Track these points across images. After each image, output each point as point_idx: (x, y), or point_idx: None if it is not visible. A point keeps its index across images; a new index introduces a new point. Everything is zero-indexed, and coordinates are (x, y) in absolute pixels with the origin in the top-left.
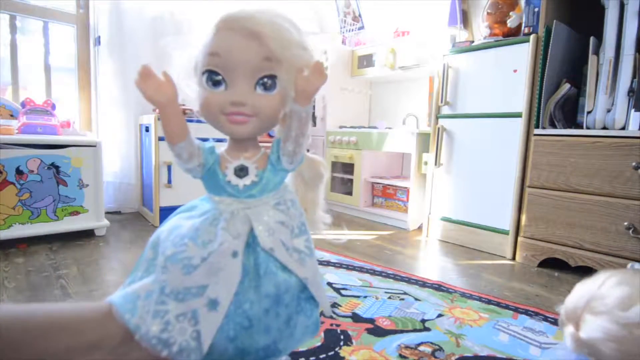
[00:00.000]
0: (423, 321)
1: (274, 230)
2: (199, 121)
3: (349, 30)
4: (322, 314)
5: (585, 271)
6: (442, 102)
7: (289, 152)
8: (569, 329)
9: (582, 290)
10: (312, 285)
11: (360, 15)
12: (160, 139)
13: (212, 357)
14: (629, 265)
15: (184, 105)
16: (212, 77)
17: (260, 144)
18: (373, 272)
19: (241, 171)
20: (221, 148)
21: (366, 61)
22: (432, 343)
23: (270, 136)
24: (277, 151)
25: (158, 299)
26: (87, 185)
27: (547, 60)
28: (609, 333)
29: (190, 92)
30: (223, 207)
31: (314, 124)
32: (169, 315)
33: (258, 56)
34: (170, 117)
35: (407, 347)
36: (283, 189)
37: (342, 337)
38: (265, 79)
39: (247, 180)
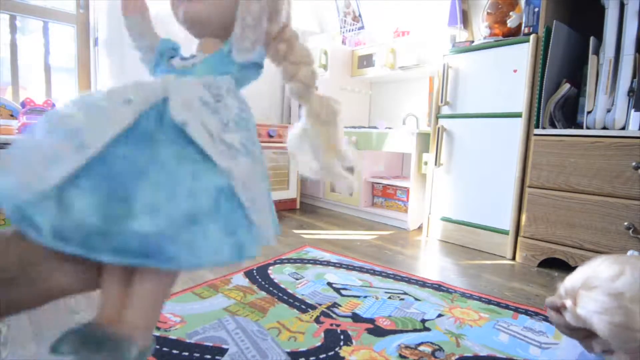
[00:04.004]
0: (423, 321)
1: (192, 107)
2: None
3: (349, 30)
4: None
5: None
6: (442, 102)
7: (236, 34)
8: (568, 303)
9: (581, 271)
10: (241, 187)
11: (360, 15)
12: None
13: (67, 223)
14: (629, 252)
15: None
16: None
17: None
18: (373, 272)
19: (189, 57)
20: None
21: (366, 61)
22: (432, 343)
23: (270, 136)
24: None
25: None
26: None
27: (547, 60)
28: (601, 305)
29: None
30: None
31: None
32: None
33: None
34: None
35: (407, 347)
36: (222, 78)
37: (342, 337)
38: None
39: (188, 62)
